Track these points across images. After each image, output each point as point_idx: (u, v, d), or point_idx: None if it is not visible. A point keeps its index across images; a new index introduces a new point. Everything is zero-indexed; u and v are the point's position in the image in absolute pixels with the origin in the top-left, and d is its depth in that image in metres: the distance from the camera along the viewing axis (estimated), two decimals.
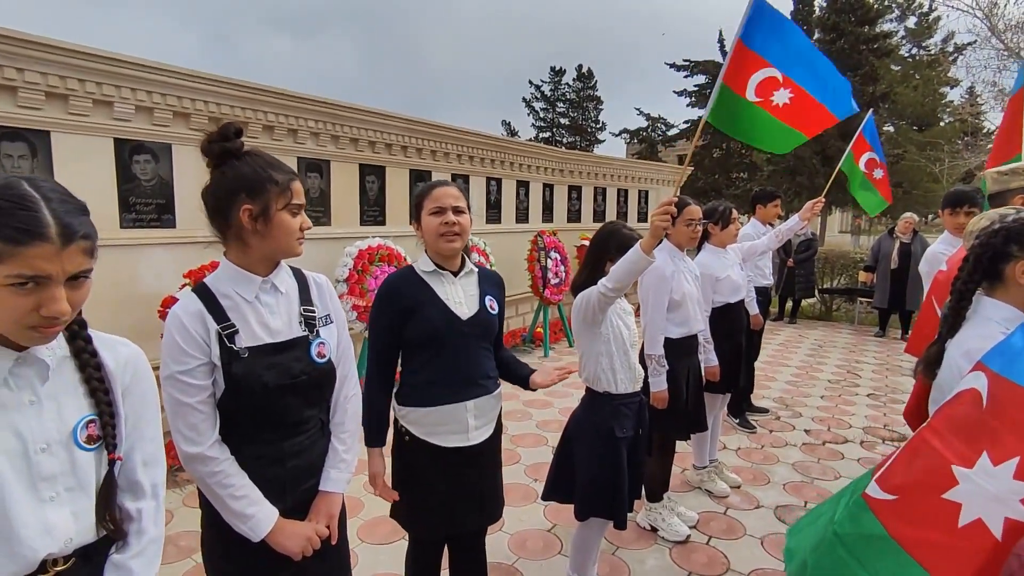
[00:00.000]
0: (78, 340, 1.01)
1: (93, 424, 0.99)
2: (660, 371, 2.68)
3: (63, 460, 0.96)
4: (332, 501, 1.45)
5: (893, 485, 1.30)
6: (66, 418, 0.97)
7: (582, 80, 33.86)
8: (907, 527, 1.23)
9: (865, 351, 7.21)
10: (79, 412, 0.99)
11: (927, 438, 1.29)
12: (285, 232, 1.33)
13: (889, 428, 4.52)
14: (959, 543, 1.13)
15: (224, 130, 1.31)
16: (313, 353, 1.38)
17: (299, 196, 1.35)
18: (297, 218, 1.35)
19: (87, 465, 0.98)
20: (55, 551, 0.94)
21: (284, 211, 1.32)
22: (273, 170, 1.32)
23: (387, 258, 4.67)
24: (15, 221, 0.84)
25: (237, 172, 1.30)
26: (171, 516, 3.03)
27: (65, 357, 1.00)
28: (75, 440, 0.97)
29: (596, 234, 2.36)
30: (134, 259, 3.57)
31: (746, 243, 3.97)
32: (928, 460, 1.24)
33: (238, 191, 1.29)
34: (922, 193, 19.70)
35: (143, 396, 1.10)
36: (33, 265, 0.85)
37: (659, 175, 9.92)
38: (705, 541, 2.90)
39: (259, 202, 1.29)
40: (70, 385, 0.99)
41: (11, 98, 3.03)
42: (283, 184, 1.31)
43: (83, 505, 0.98)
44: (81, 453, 0.98)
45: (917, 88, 20.25)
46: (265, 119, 4.21)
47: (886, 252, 7.74)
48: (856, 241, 23.84)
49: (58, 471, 0.95)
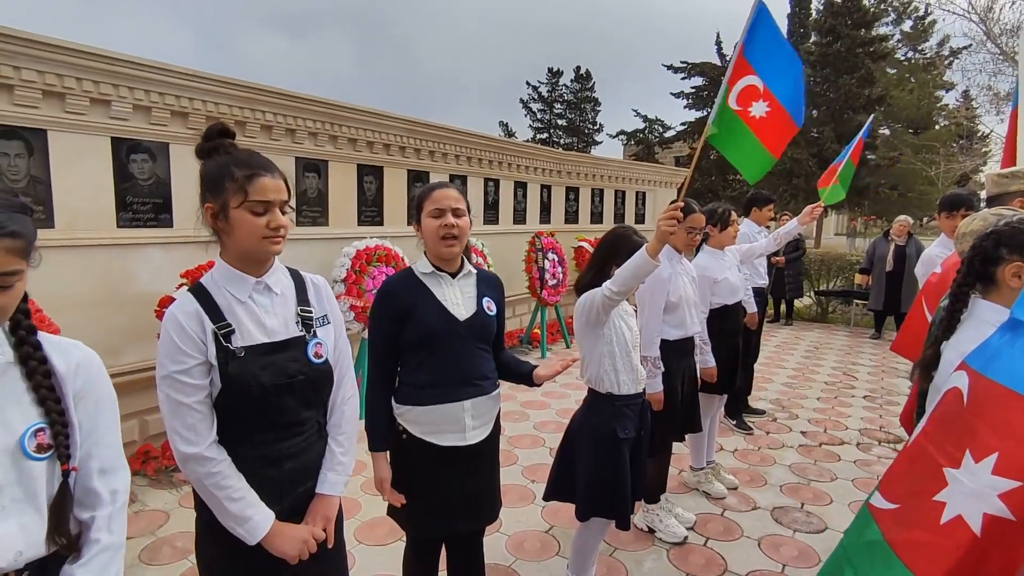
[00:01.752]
0: (25, 346, 0.97)
1: (43, 432, 0.96)
2: (656, 373, 2.69)
3: (8, 470, 0.92)
4: (329, 504, 1.44)
5: (895, 494, 1.31)
6: (12, 427, 0.93)
7: (580, 81, 33.95)
8: (900, 530, 1.25)
9: (861, 353, 7.24)
10: (26, 420, 0.95)
11: (922, 443, 1.30)
12: (246, 231, 1.27)
13: (885, 430, 4.54)
14: (940, 540, 1.15)
15: (208, 130, 1.32)
16: (310, 353, 1.38)
17: (261, 193, 1.27)
18: (262, 217, 1.28)
19: (37, 476, 0.95)
20: (3, 565, 0.91)
21: (241, 209, 1.26)
22: (236, 166, 1.27)
23: (385, 258, 4.66)
24: None
25: (204, 170, 1.31)
26: (167, 517, 3.02)
27: (9, 363, 0.96)
28: (23, 449, 0.93)
29: (605, 236, 2.36)
30: (131, 259, 3.55)
31: (744, 245, 3.99)
32: (923, 466, 1.26)
33: (203, 190, 1.30)
34: (917, 196, 19.81)
35: (98, 401, 1.05)
36: None
37: (657, 176, 9.94)
38: (703, 543, 2.90)
39: (218, 200, 1.28)
40: (15, 392, 0.95)
41: (7, 96, 3.02)
42: (240, 181, 1.25)
43: (32, 518, 0.94)
44: (30, 463, 0.94)
45: (913, 91, 20.38)
46: (263, 119, 4.20)
47: (881, 255, 7.77)
48: (852, 243, 23.91)
49: (3, 482, 0.91)
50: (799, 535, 2.99)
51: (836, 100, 19.62)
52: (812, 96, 20.24)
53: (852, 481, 3.62)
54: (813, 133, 19.88)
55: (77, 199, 3.26)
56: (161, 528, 2.92)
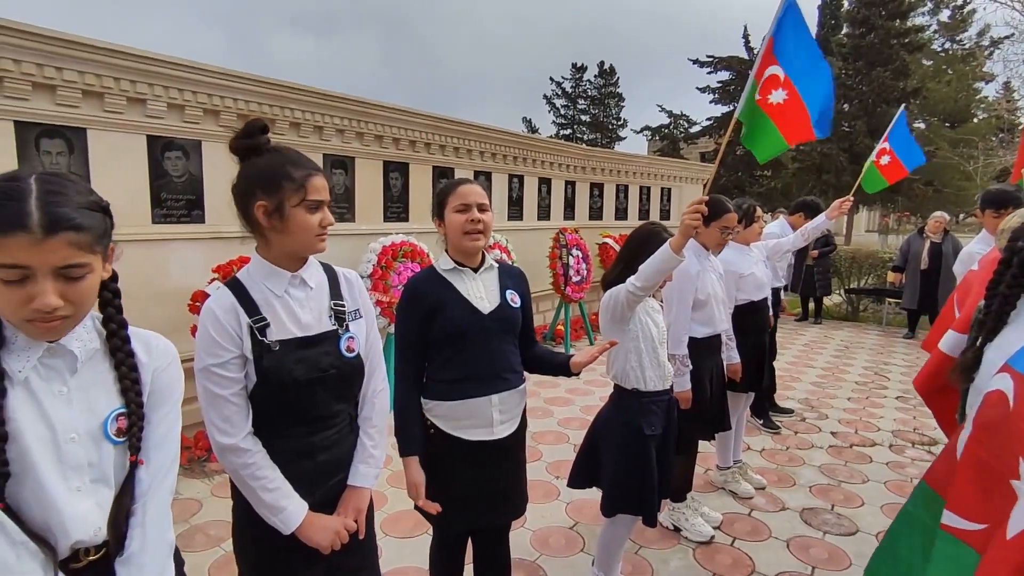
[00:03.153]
0: (115, 338, 1.02)
1: (123, 417, 1.01)
2: (684, 371, 2.66)
3: (91, 450, 0.97)
4: (361, 496, 1.46)
5: (977, 513, 1.24)
6: (97, 410, 0.98)
7: (604, 77, 33.67)
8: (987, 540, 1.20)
9: (893, 353, 7.06)
10: (110, 405, 1.00)
11: (976, 452, 1.25)
12: (301, 229, 1.31)
13: (919, 432, 4.42)
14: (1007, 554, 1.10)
15: (248, 127, 1.32)
16: (342, 347, 1.40)
17: (317, 193, 1.32)
18: (316, 215, 1.32)
19: (114, 459, 1.00)
20: (85, 539, 0.96)
21: (299, 208, 1.30)
22: (291, 166, 1.30)
23: (410, 254, 4.69)
24: (0, 212, 0.85)
25: (255, 168, 1.31)
26: (199, 505, 3.10)
27: (97, 350, 1.01)
28: (105, 432, 0.98)
29: (634, 233, 2.35)
30: (165, 254, 3.65)
31: (771, 240, 3.92)
32: (989, 479, 1.21)
33: (255, 188, 1.30)
34: (953, 191, 19.22)
35: (168, 391, 1.09)
36: (11, 254, 0.85)
37: (683, 172, 9.81)
38: (729, 542, 2.87)
39: (274, 199, 1.29)
40: (101, 378, 1.00)
41: (50, 96, 3.12)
42: (298, 180, 1.29)
43: (105, 497, 0.99)
44: (109, 445, 0.99)
45: (950, 83, 19.75)
46: (292, 116, 4.26)
47: (915, 252, 7.56)
48: (883, 240, 23.30)
49: (85, 462, 0.96)
50: (829, 537, 2.93)
51: (869, 93, 19.11)
52: (844, 89, 19.76)
53: (884, 483, 3.53)
54: (844, 127, 19.40)
55: (114, 196, 3.30)
56: (194, 516, 3.00)
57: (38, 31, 2.96)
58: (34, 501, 0.92)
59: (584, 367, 1.90)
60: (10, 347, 0.93)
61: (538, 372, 1.98)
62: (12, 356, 0.93)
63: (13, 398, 0.91)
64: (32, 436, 0.92)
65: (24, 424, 0.91)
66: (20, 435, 0.90)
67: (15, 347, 0.94)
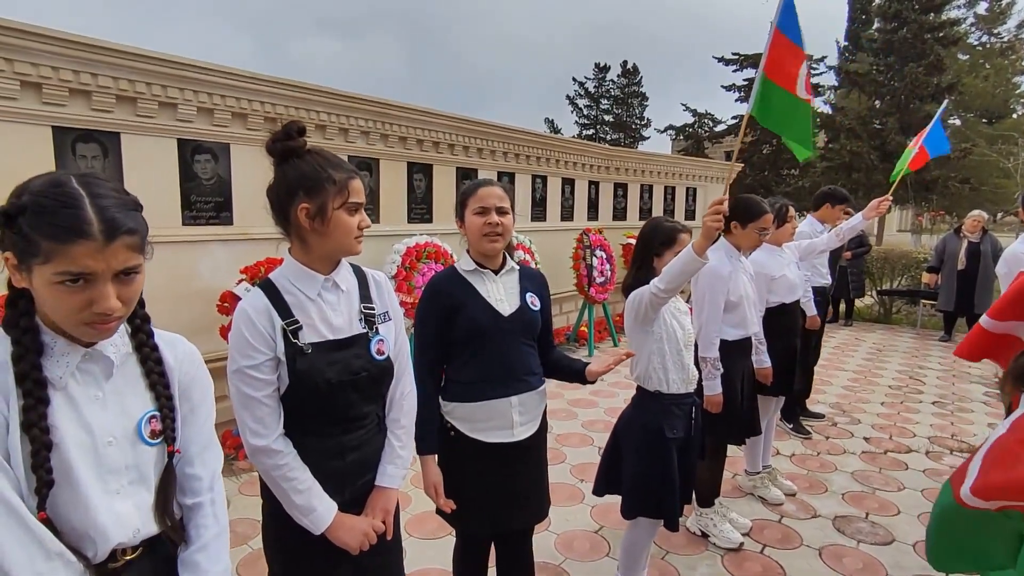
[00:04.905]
0: (140, 335, 1.04)
1: (155, 419, 1.02)
2: (715, 374, 2.61)
3: (128, 454, 0.98)
4: (388, 496, 1.46)
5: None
6: (131, 413, 1.00)
7: (627, 76, 33.41)
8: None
9: (929, 356, 6.84)
10: (143, 407, 1.01)
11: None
12: (343, 231, 1.33)
13: (957, 438, 4.27)
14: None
15: (287, 129, 1.32)
16: (373, 350, 1.40)
17: (357, 195, 1.34)
18: (355, 217, 1.34)
19: (150, 460, 1.01)
20: (124, 541, 0.98)
21: (341, 210, 1.31)
22: (332, 168, 1.31)
23: (434, 255, 4.71)
24: (59, 220, 0.85)
25: (296, 171, 1.31)
26: (228, 504, 3.14)
27: (128, 354, 1.02)
28: (140, 435, 1.00)
29: (640, 232, 2.35)
30: (194, 255, 3.71)
31: (804, 241, 3.82)
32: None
33: (296, 190, 1.30)
34: (991, 190, 18.60)
35: (199, 391, 1.11)
36: (78, 263, 0.86)
37: (707, 172, 9.67)
38: (759, 550, 2.80)
39: (316, 201, 1.29)
40: (133, 381, 1.02)
41: (86, 101, 3.20)
42: (340, 183, 1.30)
43: (144, 498, 1.01)
44: (144, 447, 1.00)
45: (987, 78, 19.13)
46: (317, 118, 4.31)
47: (952, 252, 7.32)
48: (917, 240, 22.63)
49: (123, 464, 0.98)
50: (863, 546, 2.84)
51: (901, 89, 18.59)
52: (875, 86, 19.26)
53: (921, 491, 3.42)
54: (876, 124, 18.91)
55: (146, 198, 3.35)
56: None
57: (75, 39, 3.04)
58: (72, 507, 0.92)
59: (600, 376, 1.90)
60: (49, 353, 0.94)
61: (554, 378, 1.97)
62: (52, 362, 0.94)
63: (55, 406, 0.92)
64: (73, 442, 0.93)
65: (66, 431, 0.92)
66: (63, 442, 0.91)
67: (54, 353, 0.94)
